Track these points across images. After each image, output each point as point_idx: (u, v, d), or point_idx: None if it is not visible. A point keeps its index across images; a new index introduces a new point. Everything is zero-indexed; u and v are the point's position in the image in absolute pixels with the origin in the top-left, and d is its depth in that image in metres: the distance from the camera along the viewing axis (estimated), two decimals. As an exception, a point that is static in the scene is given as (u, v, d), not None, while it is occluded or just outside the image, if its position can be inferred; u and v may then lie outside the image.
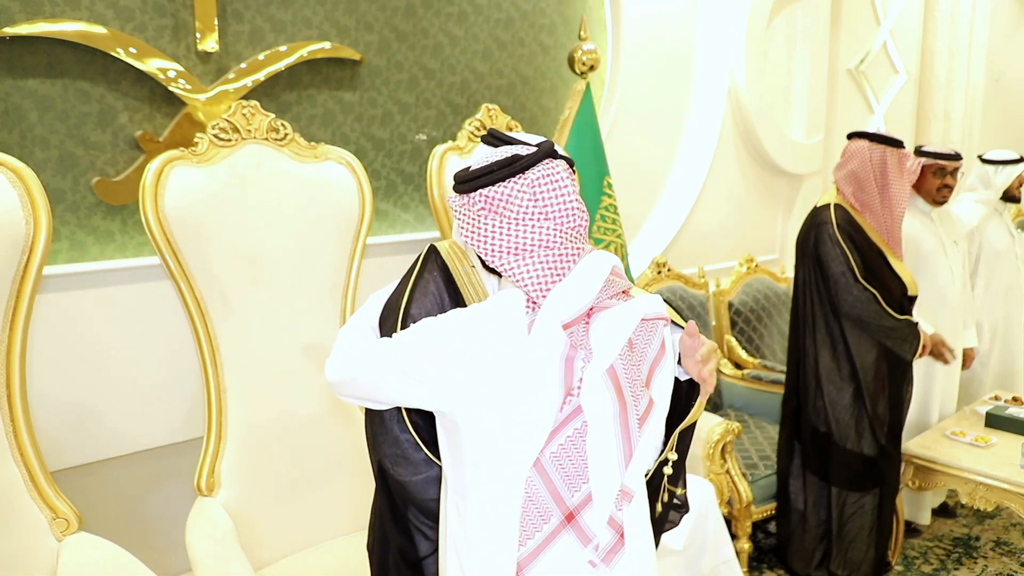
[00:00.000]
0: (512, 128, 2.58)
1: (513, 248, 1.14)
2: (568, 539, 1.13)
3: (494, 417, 1.13)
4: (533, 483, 1.12)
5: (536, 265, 1.13)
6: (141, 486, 2.28)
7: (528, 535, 1.12)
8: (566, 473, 1.12)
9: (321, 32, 2.48)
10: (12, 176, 1.62)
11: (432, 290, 1.30)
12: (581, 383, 1.11)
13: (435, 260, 1.34)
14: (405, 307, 1.29)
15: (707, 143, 3.83)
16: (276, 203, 2.06)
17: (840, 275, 2.53)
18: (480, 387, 1.12)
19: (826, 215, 2.59)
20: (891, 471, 2.68)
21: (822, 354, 2.62)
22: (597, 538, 1.13)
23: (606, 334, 1.13)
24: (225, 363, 1.98)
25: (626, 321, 1.14)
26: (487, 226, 1.15)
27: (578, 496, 1.13)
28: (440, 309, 1.28)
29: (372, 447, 1.38)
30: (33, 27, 1.95)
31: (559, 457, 1.12)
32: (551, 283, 1.13)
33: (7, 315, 1.64)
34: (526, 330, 1.13)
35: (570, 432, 1.12)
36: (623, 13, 3.31)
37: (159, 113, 2.21)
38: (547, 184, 1.14)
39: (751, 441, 3.06)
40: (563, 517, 1.13)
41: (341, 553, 2.04)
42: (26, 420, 1.68)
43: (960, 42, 5.00)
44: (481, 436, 1.14)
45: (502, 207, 1.14)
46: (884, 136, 2.58)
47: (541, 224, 1.13)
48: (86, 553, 1.68)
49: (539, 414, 1.11)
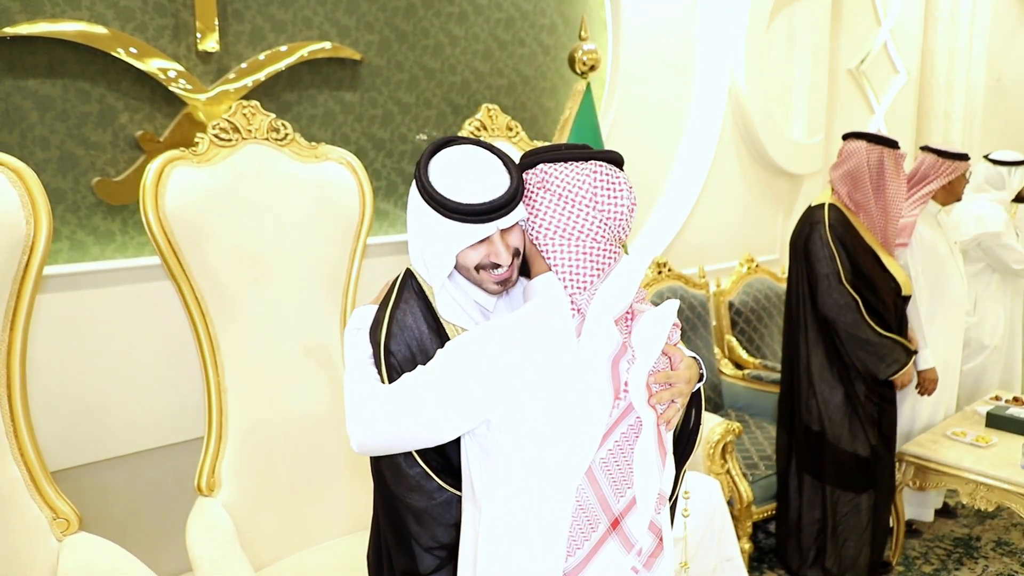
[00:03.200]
0: (512, 128, 2.58)
1: (561, 230, 1.12)
2: (613, 546, 1.11)
3: (546, 422, 1.08)
4: (583, 490, 1.09)
5: (580, 254, 1.11)
6: (141, 486, 2.28)
7: (577, 544, 1.09)
8: (613, 479, 1.10)
9: (321, 32, 2.48)
10: (12, 176, 1.62)
11: (409, 323, 1.23)
12: (627, 385, 1.09)
13: (411, 287, 1.27)
14: (385, 343, 1.23)
15: (707, 143, 3.83)
16: (276, 203, 2.05)
17: (824, 276, 2.53)
18: (530, 390, 1.08)
19: (819, 215, 2.60)
20: (885, 472, 2.67)
21: (815, 353, 2.63)
22: (639, 543, 1.11)
23: (647, 336, 1.12)
24: (225, 363, 1.98)
25: (664, 324, 1.13)
26: (540, 202, 1.13)
27: (623, 502, 1.11)
28: (418, 344, 1.22)
29: (380, 477, 1.33)
30: (33, 27, 1.95)
31: (608, 462, 1.09)
32: (590, 275, 1.11)
33: (7, 315, 1.63)
34: (574, 332, 1.10)
35: (618, 437, 1.10)
36: (623, 13, 3.31)
37: (159, 113, 2.21)
38: (605, 179, 1.12)
39: (751, 441, 3.06)
40: (609, 524, 1.10)
41: (341, 553, 2.04)
42: (26, 420, 1.68)
43: (960, 42, 5.00)
44: (531, 445, 1.10)
45: (559, 185, 1.12)
46: (882, 137, 2.58)
47: (592, 215, 1.11)
48: (86, 553, 1.68)
49: (592, 418, 1.08)
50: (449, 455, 1.26)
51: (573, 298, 1.11)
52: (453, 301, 1.24)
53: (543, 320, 1.11)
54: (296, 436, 2.08)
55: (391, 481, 1.30)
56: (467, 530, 1.23)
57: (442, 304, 1.24)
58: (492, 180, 1.14)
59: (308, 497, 2.09)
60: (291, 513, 2.06)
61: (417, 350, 1.22)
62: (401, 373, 1.19)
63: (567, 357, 1.08)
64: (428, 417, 1.12)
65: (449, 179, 1.14)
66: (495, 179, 1.14)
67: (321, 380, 2.11)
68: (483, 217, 1.12)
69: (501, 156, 1.19)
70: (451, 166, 1.16)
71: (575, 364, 1.08)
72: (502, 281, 1.19)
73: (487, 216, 1.12)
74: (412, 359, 1.22)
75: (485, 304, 1.26)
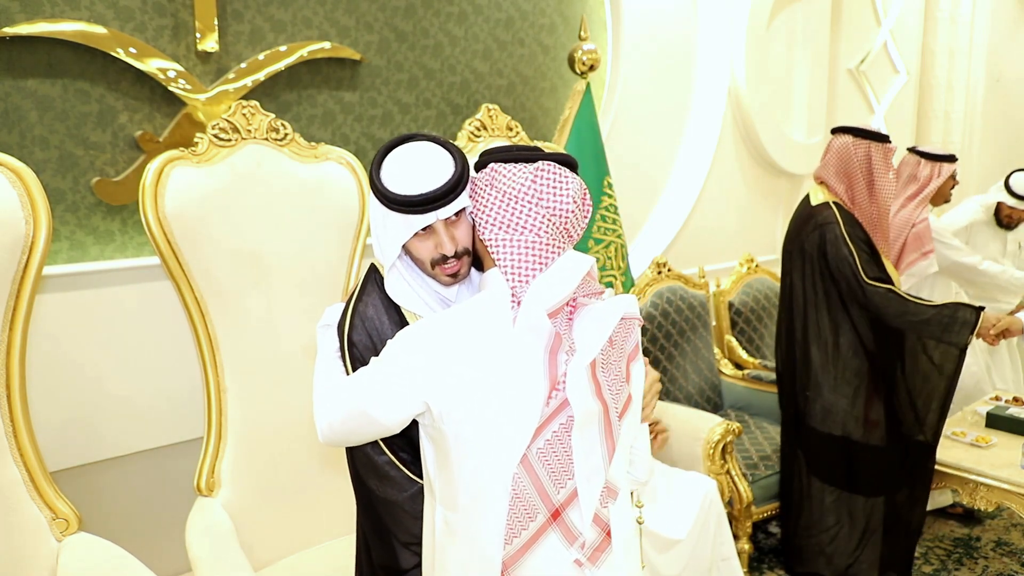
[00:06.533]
0: (512, 128, 2.58)
1: (505, 225, 1.16)
2: (554, 538, 1.13)
3: (483, 409, 1.12)
4: (520, 479, 1.11)
5: (522, 248, 1.16)
6: (141, 486, 2.28)
7: (514, 533, 1.11)
8: (552, 469, 1.12)
9: (321, 32, 2.48)
10: (12, 176, 1.62)
11: (370, 314, 1.32)
12: (565, 377, 1.11)
13: (374, 280, 1.37)
14: (348, 333, 1.32)
15: (707, 143, 3.83)
16: (276, 203, 2.05)
17: (852, 276, 2.48)
18: (468, 374, 1.12)
19: (829, 215, 2.54)
20: (894, 474, 2.66)
21: (820, 355, 2.60)
22: (583, 536, 1.13)
23: (588, 330, 1.15)
24: (225, 363, 1.98)
25: (608, 318, 1.16)
26: (487, 197, 1.19)
27: (564, 493, 1.13)
28: (379, 334, 1.30)
29: (355, 471, 1.39)
30: (33, 27, 1.95)
31: (546, 453, 1.12)
32: (531, 268, 1.15)
33: (7, 315, 1.64)
34: (511, 322, 1.14)
35: (556, 428, 1.12)
36: (623, 13, 3.31)
37: (159, 113, 2.21)
38: (550, 177, 1.16)
39: (751, 441, 3.06)
40: (549, 515, 1.12)
41: (341, 553, 2.04)
42: (26, 420, 1.68)
43: (960, 42, 5.01)
44: (470, 431, 1.13)
45: (504, 183, 1.17)
46: (868, 131, 2.54)
47: (536, 211, 1.16)
48: (86, 553, 1.68)
49: (526, 407, 1.11)
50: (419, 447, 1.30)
51: (515, 291, 1.15)
52: (406, 285, 1.32)
53: (481, 310, 1.16)
54: (296, 436, 2.07)
55: (363, 473, 1.36)
56: (427, 521, 1.27)
57: (391, 287, 1.32)
58: (433, 173, 1.21)
59: (308, 497, 2.09)
60: (291, 513, 2.06)
61: (378, 339, 1.30)
62: (364, 362, 1.27)
63: (502, 346, 1.12)
64: (374, 403, 1.17)
65: (393, 172, 1.23)
66: (437, 173, 1.22)
67: (321, 380, 2.11)
68: (419, 208, 1.20)
69: (453, 152, 1.25)
70: (397, 161, 1.24)
71: (509, 353, 1.12)
72: (452, 274, 1.27)
73: (423, 207, 1.20)
74: (373, 348, 1.29)
75: (447, 295, 1.34)
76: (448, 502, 1.18)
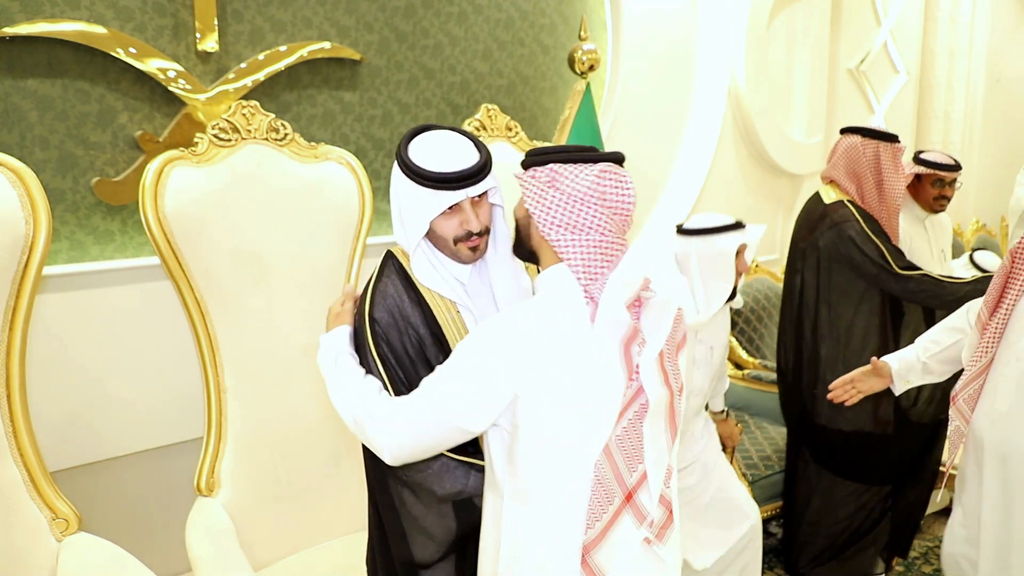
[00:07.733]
0: (512, 128, 2.58)
1: (570, 225, 1.20)
2: (627, 520, 1.20)
3: (567, 401, 1.17)
4: (601, 466, 1.17)
5: (590, 247, 1.20)
6: (141, 486, 2.28)
7: (596, 517, 1.17)
8: (627, 455, 1.19)
9: (321, 32, 2.48)
10: (12, 176, 1.62)
11: (391, 292, 1.40)
12: (639, 368, 1.18)
13: (392, 264, 1.44)
14: (370, 311, 1.38)
15: (707, 143, 3.83)
16: (276, 203, 2.05)
17: (880, 271, 2.46)
18: (551, 371, 1.17)
19: (847, 213, 2.53)
20: (904, 461, 2.65)
21: (829, 353, 2.58)
22: (651, 515, 1.20)
23: (656, 322, 1.22)
24: (225, 363, 1.98)
25: (670, 310, 1.24)
26: (551, 198, 1.22)
27: (635, 476, 1.19)
28: (399, 310, 1.38)
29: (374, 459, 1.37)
30: (33, 27, 1.95)
31: (622, 439, 1.18)
32: (600, 266, 1.20)
33: (7, 315, 1.64)
34: (589, 318, 1.19)
35: (631, 415, 1.18)
36: (623, 13, 3.31)
37: (159, 113, 2.21)
38: (611, 178, 1.21)
39: (751, 441, 3.06)
40: (623, 497, 1.19)
41: (341, 553, 2.04)
42: (26, 420, 1.68)
43: (960, 42, 5.00)
44: (552, 424, 1.18)
45: (569, 185, 1.21)
46: (877, 131, 2.55)
47: (601, 211, 1.20)
48: (86, 553, 1.68)
49: (608, 397, 1.18)
50: None
51: (587, 288, 1.20)
52: (430, 266, 1.41)
53: (557, 307, 1.20)
54: (296, 436, 2.08)
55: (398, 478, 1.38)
56: (488, 518, 1.32)
57: (417, 267, 1.40)
58: (462, 154, 1.34)
59: (308, 497, 2.09)
60: (291, 513, 2.06)
61: (399, 315, 1.38)
62: (386, 339, 1.36)
63: (583, 341, 1.18)
64: (463, 415, 1.21)
65: (425, 153, 1.34)
66: (465, 154, 1.34)
67: (321, 380, 2.11)
68: (453, 184, 1.31)
69: (473, 139, 1.39)
70: (427, 143, 1.36)
71: (591, 346, 1.17)
72: (474, 248, 1.37)
73: (456, 184, 1.31)
74: (395, 324, 1.37)
75: (460, 277, 1.42)
76: (520, 497, 1.23)
